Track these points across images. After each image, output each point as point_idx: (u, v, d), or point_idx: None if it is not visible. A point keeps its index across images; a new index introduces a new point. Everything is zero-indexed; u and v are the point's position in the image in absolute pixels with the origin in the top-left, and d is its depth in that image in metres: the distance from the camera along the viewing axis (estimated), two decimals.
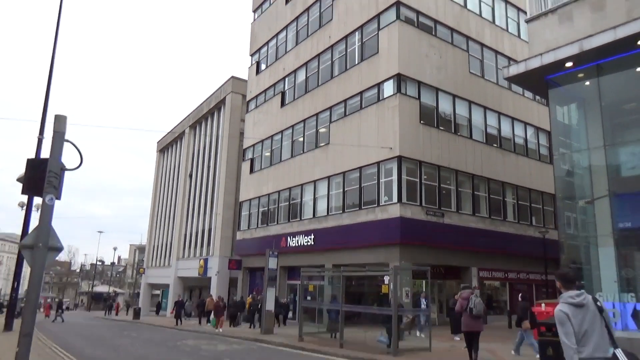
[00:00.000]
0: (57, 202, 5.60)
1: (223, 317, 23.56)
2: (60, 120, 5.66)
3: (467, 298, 11.05)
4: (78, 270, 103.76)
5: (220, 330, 22.21)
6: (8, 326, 21.28)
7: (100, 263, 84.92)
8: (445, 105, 23.77)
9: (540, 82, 14.77)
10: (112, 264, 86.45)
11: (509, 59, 26.60)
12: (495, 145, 25.67)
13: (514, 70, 15.17)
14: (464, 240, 22.44)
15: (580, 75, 13.35)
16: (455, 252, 22.31)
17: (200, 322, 28.01)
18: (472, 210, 23.48)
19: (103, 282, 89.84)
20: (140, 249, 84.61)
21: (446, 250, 21.92)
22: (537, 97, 28.12)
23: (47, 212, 5.62)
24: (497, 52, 26.77)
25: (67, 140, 5.68)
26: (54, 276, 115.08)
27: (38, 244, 5.44)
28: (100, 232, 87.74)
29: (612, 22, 12.07)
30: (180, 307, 29.26)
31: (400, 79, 21.91)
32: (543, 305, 13.68)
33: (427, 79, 22.96)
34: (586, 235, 13.01)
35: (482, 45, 26.11)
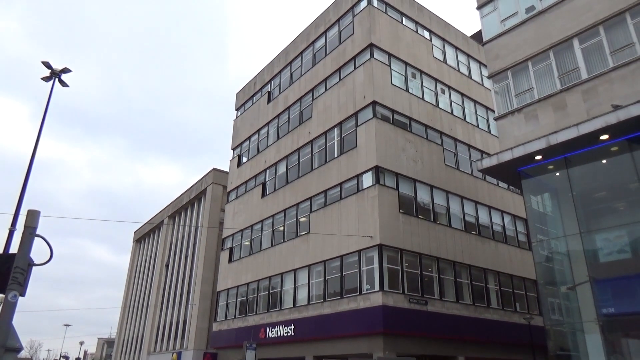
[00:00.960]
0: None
1: None
2: (32, 215, 5.51)
3: None
4: None
5: None
6: None
7: (65, 359, 79.02)
8: (423, 195, 24.52)
9: (513, 173, 15.64)
10: (77, 359, 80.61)
11: (482, 152, 28.09)
12: (474, 232, 26.19)
13: (487, 163, 16.09)
14: (449, 328, 22.04)
15: (550, 167, 14.24)
16: (440, 341, 21.79)
17: None
18: (456, 297, 23.35)
19: None
20: (109, 342, 79.64)
21: (431, 339, 21.42)
22: (512, 187, 29.39)
23: (9, 310, 5.29)
24: (469, 146, 28.26)
25: (39, 235, 5.56)
26: None
27: None
28: (66, 325, 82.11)
29: (574, 120, 13.18)
30: None
31: (378, 171, 22.73)
32: None
33: (405, 171, 23.88)
34: (571, 322, 13.09)
35: (455, 139, 27.60)
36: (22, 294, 5.33)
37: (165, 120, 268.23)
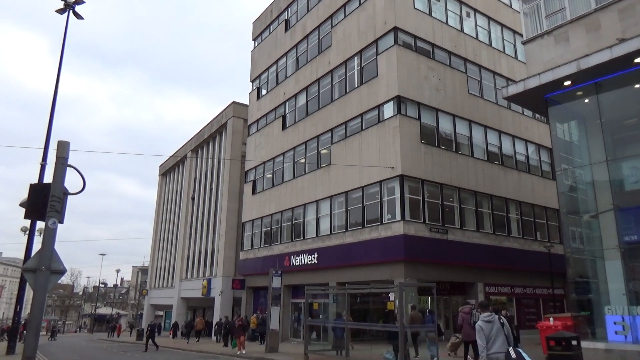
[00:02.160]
0: (60, 225, 5.66)
1: (243, 338, 21.21)
2: (63, 147, 5.71)
3: (468, 312, 13.16)
4: (81, 293, 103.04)
5: (243, 352, 20.13)
6: (11, 350, 21.18)
7: (103, 285, 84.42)
8: (445, 125, 24.11)
9: (540, 100, 15.10)
10: (115, 286, 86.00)
11: (507, 79, 27.06)
12: (497, 162, 25.92)
13: (513, 89, 15.53)
14: (469, 256, 22.51)
15: (579, 93, 13.67)
16: (460, 268, 22.35)
17: (188, 342, 29.04)
18: (476, 227, 23.61)
19: (106, 304, 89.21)
20: (143, 270, 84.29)
21: (451, 266, 21.97)
22: (537, 115, 28.56)
23: (49, 236, 5.60)
24: (495, 73, 27.24)
25: (70, 166, 5.75)
26: (56, 299, 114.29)
27: (41, 267, 5.42)
28: (102, 254, 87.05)
29: (608, 42, 12.44)
30: (176, 328, 31.36)
31: (400, 101, 22.28)
32: (551, 319, 13.73)
33: (427, 100, 23.34)
34: (592, 249, 13.16)
35: (480, 66, 26.58)
36: (61, 221, 5.67)
37: (182, 54, 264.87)
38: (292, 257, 27.01)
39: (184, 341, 32.24)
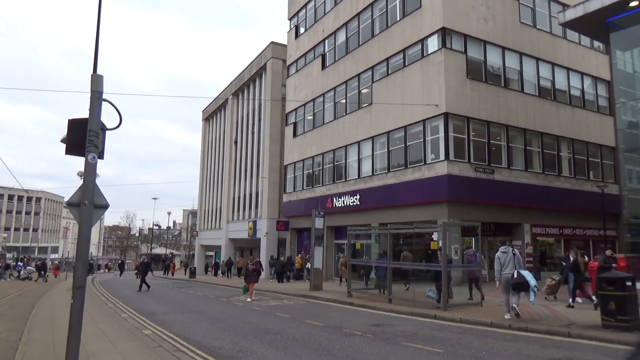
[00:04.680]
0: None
1: (253, 285, 18.12)
2: (96, 80, 5.59)
3: (473, 255, 14.97)
4: (137, 234, 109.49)
5: (249, 300, 17.15)
6: None
7: (157, 227, 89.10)
8: (493, 58, 22.72)
9: (600, 25, 13.86)
10: (168, 228, 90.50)
11: (564, 5, 24.88)
12: (549, 98, 24.44)
13: (571, 14, 14.27)
14: (516, 197, 21.83)
15: None
16: (506, 209, 21.77)
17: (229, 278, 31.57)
18: (525, 166, 22.71)
19: (160, 245, 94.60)
20: (193, 213, 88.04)
21: (497, 207, 21.42)
22: (596, 45, 26.42)
23: (90, 171, 5.60)
24: None
25: (105, 100, 5.65)
26: (115, 240, 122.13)
27: (84, 202, 5.50)
28: (154, 198, 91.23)
29: None
30: (217, 267, 37.05)
31: (445, 33, 21.03)
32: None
33: (474, 32, 21.93)
34: None
35: None
36: (100, 157, 5.69)
37: None
38: (334, 198, 27.15)
39: (224, 278, 34.61)
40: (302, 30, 33.66)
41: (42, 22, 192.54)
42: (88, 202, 5.44)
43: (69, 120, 5.66)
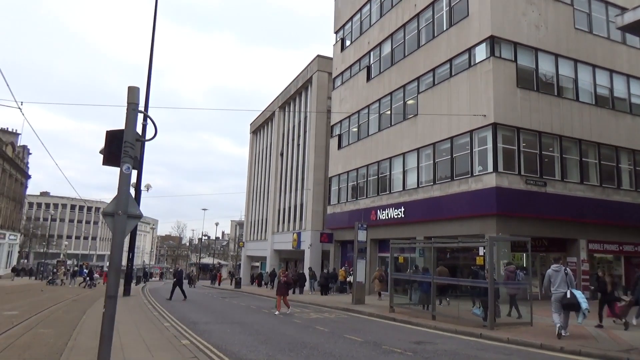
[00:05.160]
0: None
1: (282, 298, 17.05)
2: (133, 92, 5.69)
3: (513, 271, 14.97)
4: (187, 244, 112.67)
5: (278, 312, 16.48)
6: (126, 292, 23.81)
7: (206, 237, 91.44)
8: (546, 66, 21.81)
9: None
10: (217, 238, 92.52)
11: (622, 8, 23.59)
12: (607, 106, 23.14)
13: (631, 17, 13.43)
14: (570, 211, 20.68)
15: None
16: (559, 223, 20.64)
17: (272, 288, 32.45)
18: (580, 178, 21.53)
19: (209, 255, 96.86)
20: (240, 224, 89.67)
21: (549, 221, 20.34)
22: None
23: (125, 181, 5.68)
24: (607, 3, 23.89)
25: (141, 111, 5.77)
26: (167, 249, 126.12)
27: (118, 212, 5.57)
28: (204, 209, 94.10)
29: None
30: (261, 278, 40.17)
31: (493, 42, 20.42)
32: None
33: (525, 39, 21.17)
34: None
35: None
36: (135, 167, 5.79)
37: (269, 11, 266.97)
38: (378, 211, 26.78)
39: (268, 289, 34.73)
40: (347, 42, 33.77)
41: (104, 41, 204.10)
42: (122, 212, 5.53)
43: (106, 131, 5.81)
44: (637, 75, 24.21)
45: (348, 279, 27.59)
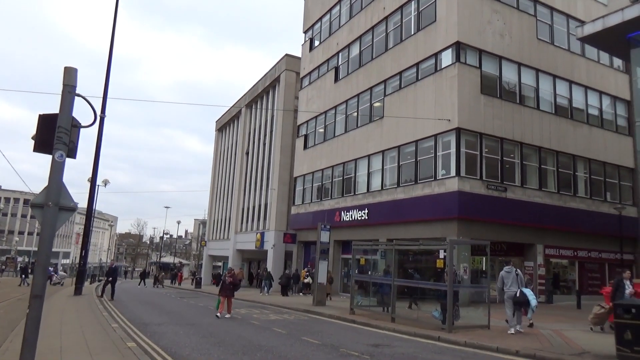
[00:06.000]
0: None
1: (226, 300, 15.64)
2: (69, 73, 5.18)
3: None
4: (148, 242, 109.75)
5: (218, 315, 15.24)
6: (78, 291, 22.71)
7: (168, 236, 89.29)
8: (509, 75, 22.24)
9: (621, 41, 13.36)
10: (179, 237, 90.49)
11: (582, 22, 24.35)
12: (566, 116, 23.81)
13: (590, 29, 13.79)
14: (529, 216, 21.13)
15: None
16: (519, 228, 21.06)
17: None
18: (539, 185, 22.04)
19: (171, 254, 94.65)
20: (204, 223, 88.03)
21: (509, 226, 20.73)
22: (616, 64, 25.82)
23: (57, 170, 5.15)
24: (569, 16, 24.62)
25: (79, 95, 5.27)
26: (126, 247, 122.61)
27: (48, 203, 5.05)
28: (166, 207, 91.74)
29: None
30: (218, 278, 36.59)
31: (459, 48, 20.66)
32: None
33: (489, 47, 21.52)
34: None
35: (552, 8, 24.08)
36: (71, 156, 5.23)
37: (240, 9, 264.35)
38: (342, 212, 26.67)
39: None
40: (316, 43, 33.59)
41: (71, 30, 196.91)
42: (52, 203, 4.99)
43: (39, 115, 5.28)
44: (594, 87, 25.03)
45: (306, 280, 27.35)
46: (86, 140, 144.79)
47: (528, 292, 11.81)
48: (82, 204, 37.68)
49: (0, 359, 7.28)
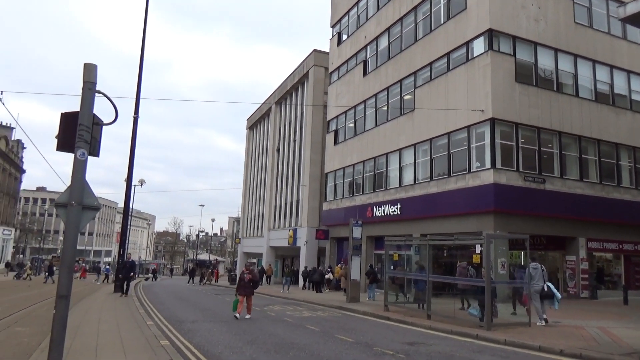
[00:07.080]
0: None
1: (245, 299, 14.22)
2: (89, 70, 5.11)
3: (465, 267, 15.47)
4: (185, 240, 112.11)
5: (237, 316, 13.84)
6: (117, 288, 23.21)
7: (204, 234, 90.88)
8: (545, 61, 21.36)
9: None
10: (214, 234, 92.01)
11: (624, 3, 23.14)
12: (607, 103, 22.72)
13: (633, 8, 12.94)
14: (570, 209, 20.27)
15: None
16: (559, 221, 20.24)
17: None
18: (580, 176, 21.13)
19: (206, 251, 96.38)
20: (238, 220, 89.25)
21: (548, 219, 19.95)
22: None
23: (79, 168, 5.07)
24: None
25: (99, 92, 5.21)
26: (164, 245, 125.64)
27: (71, 202, 4.99)
28: (201, 205, 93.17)
29: None
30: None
31: (492, 35, 19.96)
32: None
33: (524, 33, 20.71)
34: None
35: None
36: (93, 154, 5.17)
37: (265, 6, 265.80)
38: (374, 207, 26.35)
39: (262, 286, 34.61)
40: (344, 37, 33.26)
41: (105, 36, 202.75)
42: (76, 202, 4.97)
43: (61, 114, 5.25)
44: (637, 71, 23.78)
45: (327, 276, 27.35)
46: (122, 141, 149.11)
47: (552, 286, 12.75)
48: (122, 203, 38.71)
49: (40, 355, 7.42)
